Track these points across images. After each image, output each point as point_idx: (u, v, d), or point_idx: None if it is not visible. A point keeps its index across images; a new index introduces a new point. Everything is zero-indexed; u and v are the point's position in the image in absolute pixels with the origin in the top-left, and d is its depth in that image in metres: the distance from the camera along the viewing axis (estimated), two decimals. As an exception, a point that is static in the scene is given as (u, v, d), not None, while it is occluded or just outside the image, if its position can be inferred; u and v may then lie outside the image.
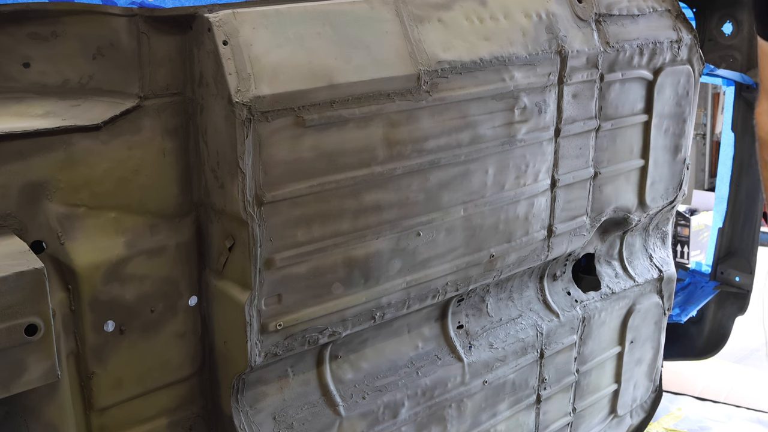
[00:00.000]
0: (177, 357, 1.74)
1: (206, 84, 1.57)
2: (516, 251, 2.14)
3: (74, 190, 1.53)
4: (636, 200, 2.47)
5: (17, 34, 1.56)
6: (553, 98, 2.08)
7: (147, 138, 1.60)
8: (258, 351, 1.68)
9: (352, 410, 1.93)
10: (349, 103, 1.66)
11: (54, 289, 1.53)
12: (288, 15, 1.61)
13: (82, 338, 1.60)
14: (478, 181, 1.96)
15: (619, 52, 2.21)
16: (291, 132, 1.59)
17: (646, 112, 2.38)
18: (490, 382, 2.23)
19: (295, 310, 1.71)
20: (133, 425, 1.72)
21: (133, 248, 1.61)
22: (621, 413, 2.78)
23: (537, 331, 2.33)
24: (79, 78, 1.60)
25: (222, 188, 1.60)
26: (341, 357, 1.95)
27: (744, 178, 3.15)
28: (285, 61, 1.57)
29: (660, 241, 2.77)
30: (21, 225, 1.49)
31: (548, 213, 2.20)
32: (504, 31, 1.93)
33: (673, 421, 3.30)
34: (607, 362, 2.64)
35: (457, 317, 2.19)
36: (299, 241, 1.67)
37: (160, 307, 1.68)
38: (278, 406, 1.83)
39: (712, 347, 3.36)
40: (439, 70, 1.79)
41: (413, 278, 1.90)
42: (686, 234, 5.52)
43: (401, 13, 1.77)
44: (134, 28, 1.55)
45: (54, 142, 1.48)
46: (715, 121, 8.33)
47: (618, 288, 2.59)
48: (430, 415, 2.10)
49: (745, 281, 3.22)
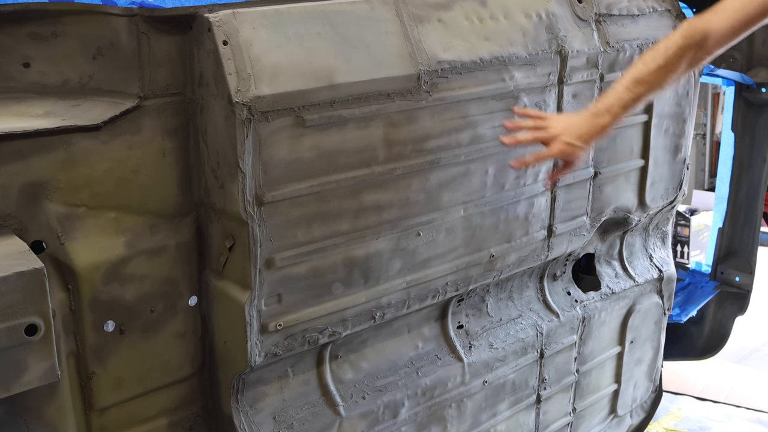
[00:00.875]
0: (177, 357, 1.74)
1: (206, 84, 1.57)
2: (516, 251, 2.14)
3: (74, 190, 1.53)
4: (636, 200, 2.47)
5: (17, 34, 1.56)
6: (553, 98, 2.08)
7: (147, 138, 1.60)
8: (258, 351, 1.68)
9: (352, 410, 1.93)
10: (349, 103, 1.66)
11: (54, 289, 1.53)
12: (288, 15, 1.61)
13: (82, 338, 1.59)
14: (478, 181, 1.96)
15: (619, 52, 2.21)
16: (291, 132, 1.59)
17: (646, 112, 2.38)
18: (490, 382, 2.23)
19: (295, 310, 1.71)
20: (133, 425, 1.72)
21: (133, 248, 1.61)
22: (621, 413, 2.78)
23: (537, 331, 2.33)
24: (79, 78, 1.60)
25: (222, 188, 1.60)
26: (341, 357, 1.95)
27: (744, 178, 3.15)
28: (285, 61, 1.57)
29: (660, 241, 2.77)
30: (21, 225, 1.49)
31: (548, 213, 2.20)
32: (504, 31, 1.93)
33: (673, 421, 3.30)
34: (607, 362, 2.64)
35: (457, 317, 2.19)
36: (299, 241, 1.67)
37: (160, 307, 1.68)
38: (278, 406, 1.83)
39: (712, 347, 3.36)
40: (439, 70, 1.79)
41: (413, 278, 1.90)
42: (686, 234, 5.51)
43: (401, 13, 1.77)
44: (134, 28, 1.55)
45: (54, 142, 1.48)
46: (715, 121, 8.34)
47: (618, 288, 2.59)
48: (430, 415, 2.10)
49: (745, 281, 3.21)
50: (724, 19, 1.82)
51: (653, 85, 1.83)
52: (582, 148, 1.83)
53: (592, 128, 1.82)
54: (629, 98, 1.81)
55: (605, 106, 1.82)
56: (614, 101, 1.82)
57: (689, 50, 1.81)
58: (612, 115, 1.82)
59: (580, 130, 1.82)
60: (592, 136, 1.83)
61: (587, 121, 1.83)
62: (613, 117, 1.82)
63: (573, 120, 1.85)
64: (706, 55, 1.86)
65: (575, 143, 1.81)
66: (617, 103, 1.81)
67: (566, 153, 1.82)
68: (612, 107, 1.82)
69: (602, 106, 1.83)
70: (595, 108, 1.84)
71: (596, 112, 1.83)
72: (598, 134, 1.84)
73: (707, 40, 1.82)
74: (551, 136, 1.81)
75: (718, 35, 1.82)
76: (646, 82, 1.81)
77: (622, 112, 1.83)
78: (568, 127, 1.82)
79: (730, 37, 1.84)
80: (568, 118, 1.87)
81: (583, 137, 1.82)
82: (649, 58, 1.82)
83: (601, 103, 1.84)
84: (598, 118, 1.82)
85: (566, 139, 1.81)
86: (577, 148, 1.82)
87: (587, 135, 1.82)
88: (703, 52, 1.84)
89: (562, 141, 1.81)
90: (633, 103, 1.84)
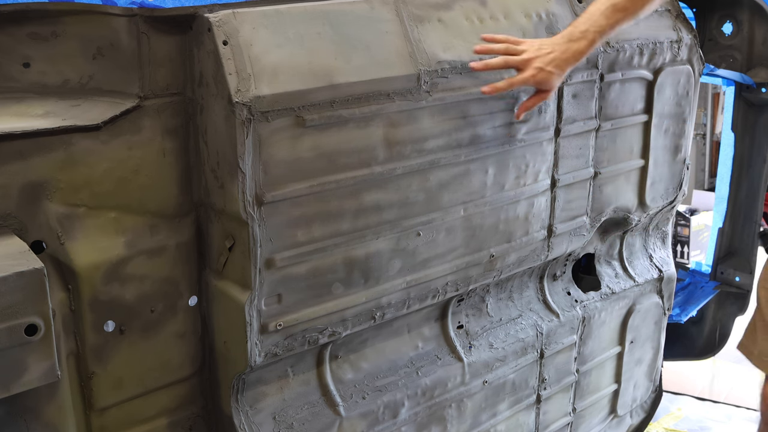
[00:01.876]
0: (177, 357, 1.74)
1: (206, 84, 1.57)
2: (516, 251, 2.14)
3: (74, 190, 1.53)
4: (636, 200, 2.47)
5: (17, 34, 1.56)
6: (553, 98, 2.08)
7: (147, 138, 1.60)
8: (258, 351, 1.68)
9: (352, 410, 1.93)
10: (349, 103, 1.66)
11: (54, 289, 1.53)
12: (288, 15, 1.61)
13: (82, 338, 1.60)
14: (478, 181, 1.96)
15: (619, 52, 2.21)
16: (291, 132, 1.59)
17: (646, 112, 2.38)
18: (490, 382, 2.23)
19: (295, 310, 1.71)
20: (133, 425, 1.72)
21: (133, 248, 1.61)
22: (621, 413, 2.78)
23: (537, 331, 2.33)
24: (79, 78, 1.60)
25: (222, 188, 1.61)
26: (341, 357, 1.95)
27: (744, 178, 3.15)
28: (285, 61, 1.57)
29: (660, 241, 2.77)
30: (21, 225, 1.49)
31: (548, 213, 2.20)
32: (504, 31, 1.93)
33: (673, 421, 3.30)
34: (607, 362, 2.64)
35: (457, 317, 2.19)
36: (299, 241, 1.67)
37: (160, 307, 1.68)
38: (278, 406, 1.83)
39: (712, 347, 3.36)
40: (439, 70, 1.79)
41: (413, 278, 1.90)
42: (686, 234, 5.51)
43: (401, 13, 1.77)
44: (134, 28, 1.55)
45: (54, 142, 1.48)
46: (715, 121, 8.33)
47: (618, 288, 2.59)
48: (430, 415, 2.10)
49: (745, 281, 3.21)
50: None
51: (630, 12, 1.77)
52: (556, 74, 1.75)
53: (567, 53, 1.75)
54: (606, 24, 1.76)
55: (581, 31, 1.75)
56: (591, 26, 1.75)
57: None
58: (588, 41, 1.76)
59: (555, 54, 1.74)
60: (568, 61, 1.76)
61: (562, 46, 1.75)
62: (589, 43, 1.76)
63: (547, 44, 1.77)
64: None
65: (550, 69, 1.74)
66: (594, 28, 1.75)
67: (540, 79, 1.74)
68: (588, 32, 1.75)
69: (578, 31, 1.76)
70: (570, 33, 1.77)
71: (572, 37, 1.76)
72: (573, 60, 1.77)
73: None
74: (524, 60, 1.73)
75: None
76: (623, 8, 1.76)
77: (598, 38, 1.77)
78: (542, 52, 1.74)
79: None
80: (542, 42, 1.79)
81: (558, 63, 1.75)
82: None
83: (577, 27, 1.77)
84: (573, 42, 1.75)
85: (540, 65, 1.73)
86: (551, 75, 1.74)
87: (562, 60, 1.75)
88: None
89: (536, 66, 1.73)
90: (610, 30, 1.78)
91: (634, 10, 1.78)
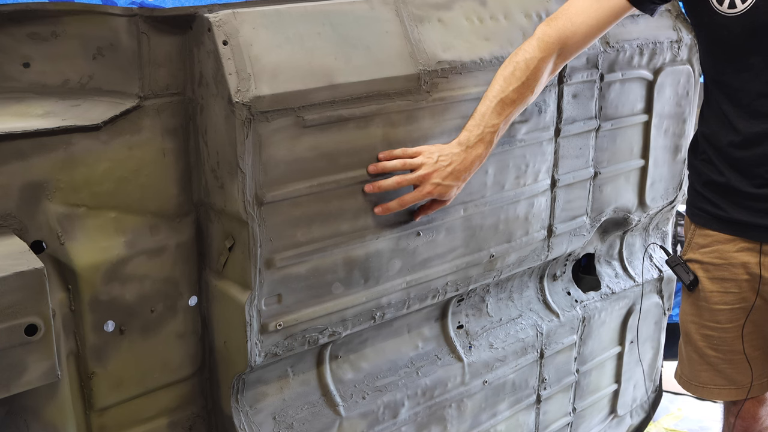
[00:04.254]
0: (177, 357, 1.74)
1: (206, 84, 1.57)
2: (516, 251, 2.14)
3: (74, 190, 1.53)
4: (636, 200, 2.47)
5: (17, 34, 1.56)
6: (553, 98, 2.08)
7: (147, 138, 1.60)
8: (258, 351, 1.68)
9: (352, 410, 1.93)
10: (349, 103, 1.66)
11: (54, 289, 1.53)
12: (288, 15, 1.61)
13: (82, 338, 1.60)
14: (477, 181, 1.96)
15: (619, 52, 2.21)
16: (291, 132, 1.59)
17: (646, 112, 2.38)
18: (490, 382, 2.23)
19: (295, 310, 1.71)
20: (133, 425, 1.72)
21: (133, 248, 1.61)
22: (621, 413, 2.78)
23: (537, 331, 2.33)
24: (79, 78, 1.60)
25: (222, 188, 1.61)
26: (341, 357, 1.95)
27: (744, 178, 3.15)
28: (285, 61, 1.57)
29: (660, 241, 2.77)
30: (21, 225, 1.49)
31: (548, 213, 2.20)
32: (504, 31, 1.93)
33: (673, 421, 3.30)
34: (607, 362, 2.64)
35: (457, 317, 2.19)
36: (299, 241, 1.67)
37: (160, 307, 1.68)
38: (278, 406, 1.83)
39: (712, 347, 3.36)
40: (439, 70, 1.79)
41: (413, 278, 1.90)
42: (686, 234, 5.50)
43: (401, 13, 1.77)
44: (134, 28, 1.55)
45: (54, 142, 1.48)
46: (715, 121, 8.33)
47: (618, 288, 2.59)
48: (430, 415, 2.10)
49: (745, 281, 3.21)
50: (579, 24, 1.80)
51: (518, 103, 1.77)
52: (455, 186, 1.74)
53: (466, 162, 1.73)
54: (500, 121, 1.75)
55: (476, 136, 1.73)
56: (485, 127, 1.74)
57: (547, 61, 1.79)
58: (486, 143, 1.75)
59: (453, 167, 1.72)
60: (468, 169, 1.74)
61: (460, 155, 1.73)
62: (487, 145, 1.75)
63: (445, 155, 1.72)
64: (566, 61, 1.87)
65: (448, 183, 1.72)
66: (489, 129, 1.74)
67: (438, 193, 1.73)
68: (484, 135, 1.74)
69: (473, 136, 1.74)
70: (466, 139, 1.74)
71: (469, 144, 1.73)
72: (474, 167, 1.76)
73: (564, 49, 1.81)
74: (420, 176, 1.70)
75: (575, 41, 1.82)
76: (512, 101, 1.75)
77: (495, 138, 1.76)
78: (439, 166, 1.71)
79: (586, 42, 1.84)
80: (440, 153, 1.73)
81: (457, 174, 1.73)
82: (509, 74, 1.77)
83: (472, 132, 1.74)
84: (471, 149, 1.73)
85: (437, 180, 1.70)
86: (449, 188, 1.73)
87: (460, 172, 1.73)
88: (561, 59, 1.84)
89: (433, 182, 1.70)
90: (505, 125, 1.78)
91: (522, 100, 1.77)
